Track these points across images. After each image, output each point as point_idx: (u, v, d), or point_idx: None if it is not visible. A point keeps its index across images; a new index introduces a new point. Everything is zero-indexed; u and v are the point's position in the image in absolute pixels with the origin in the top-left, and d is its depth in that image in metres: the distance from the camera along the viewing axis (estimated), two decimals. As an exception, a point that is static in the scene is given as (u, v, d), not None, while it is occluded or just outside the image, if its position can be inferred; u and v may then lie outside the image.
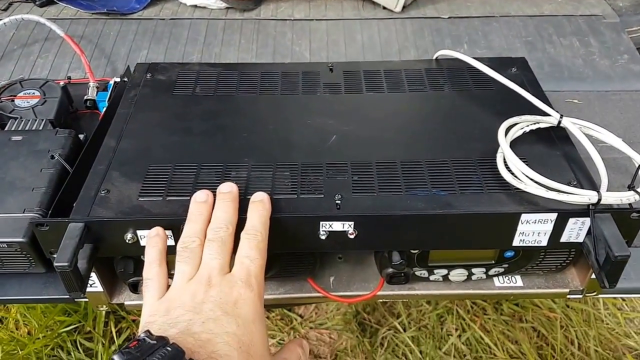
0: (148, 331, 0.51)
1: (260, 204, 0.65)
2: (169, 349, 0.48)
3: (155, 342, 0.49)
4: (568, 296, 0.78)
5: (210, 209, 0.65)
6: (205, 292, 0.56)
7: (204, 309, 0.55)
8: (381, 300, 1.63)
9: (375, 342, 1.58)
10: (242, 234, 0.62)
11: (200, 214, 0.64)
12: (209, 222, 0.63)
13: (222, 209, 0.64)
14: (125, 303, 0.77)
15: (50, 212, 0.68)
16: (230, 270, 0.60)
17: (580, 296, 0.78)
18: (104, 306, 0.77)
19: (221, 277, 0.58)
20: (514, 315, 1.62)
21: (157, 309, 0.57)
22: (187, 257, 0.60)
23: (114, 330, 1.51)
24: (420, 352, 1.55)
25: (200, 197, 0.66)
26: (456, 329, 1.59)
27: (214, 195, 0.66)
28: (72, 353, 1.47)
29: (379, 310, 1.63)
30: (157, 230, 0.65)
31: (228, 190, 0.66)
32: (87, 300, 0.76)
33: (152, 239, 0.64)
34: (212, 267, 0.59)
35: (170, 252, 0.65)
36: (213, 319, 0.54)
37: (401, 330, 1.59)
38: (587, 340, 1.57)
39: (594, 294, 0.78)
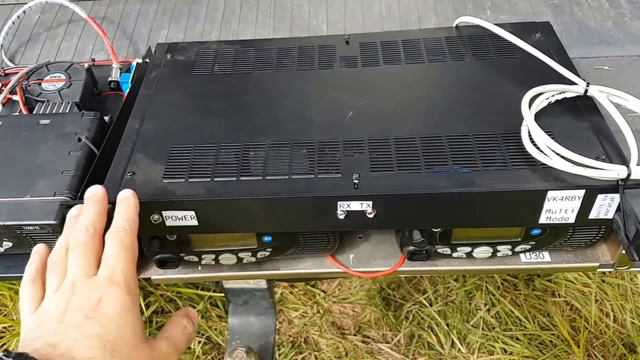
0: (6, 350, 0.51)
1: (124, 202, 0.65)
2: None
3: (12, 359, 0.49)
4: (598, 270, 0.76)
5: None
6: (68, 300, 0.56)
7: (66, 318, 0.55)
8: (404, 276, 1.62)
9: (400, 315, 1.57)
10: (107, 235, 0.62)
11: (68, 227, 0.64)
12: None
13: (84, 214, 0.64)
14: (152, 277, 0.79)
15: (79, 194, 0.70)
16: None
17: (612, 269, 0.76)
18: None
19: (85, 281, 0.58)
20: (546, 290, 1.60)
21: (29, 325, 0.57)
22: (53, 270, 0.60)
23: (142, 304, 1.54)
24: (447, 325, 1.54)
25: (72, 212, 0.66)
26: (485, 304, 1.57)
27: None
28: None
29: (404, 287, 1.62)
30: (38, 247, 0.65)
31: (91, 194, 0.66)
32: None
33: (32, 256, 0.64)
34: (74, 274, 0.59)
35: (193, 231, 0.69)
36: (74, 326, 0.54)
37: (427, 304, 1.58)
38: (623, 313, 1.54)
39: (626, 267, 0.76)
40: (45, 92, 0.91)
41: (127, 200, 0.65)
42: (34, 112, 0.89)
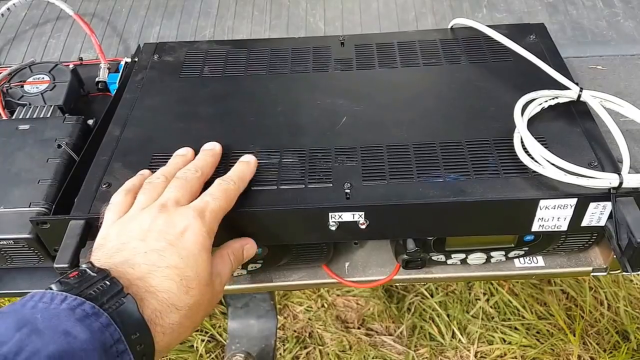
0: (90, 262, 0.52)
1: (245, 164, 0.66)
2: (107, 282, 0.49)
3: (95, 274, 0.50)
4: (592, 274, 0.76)
5: (188, 163, 0.66)
6: (154, 219, 0.56)
7: (148, 238, 0.55)
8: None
9: (403, 307, 1.58)
10: (216, 180, 0.62)
11: (175, 163, 0.66)
12: None
13: (199, 158, 0.66)
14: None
15: (54, 207, 0.67)
16: None
17: (604, 274, 0.76)
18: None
19: (174, 206, 0.58)
20: (543, 279, 1.60)
21: (110, 231, 0.58)
22: (147, 189, 0.61)
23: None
24: (448, 316, 1.55)
25: (181, 151, 0.68)
26: (484, 294, 1.58)
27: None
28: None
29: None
30: (145, 172, 0.67)
31: (210, 147, 0.68)
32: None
33: (137, 176, 0.66)
34: (168, 197, 0.59)
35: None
36: (156, 250, 0.54)
37: (428, 296, 1.58)
38: (616, 301, 1.55)
39: (618, 271, 0.76)
40: (27, 95, 0.87)
41: (248, 163, 0.66)
42: (14, 117, 0.85)
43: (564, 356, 1.48)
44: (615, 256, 0.64)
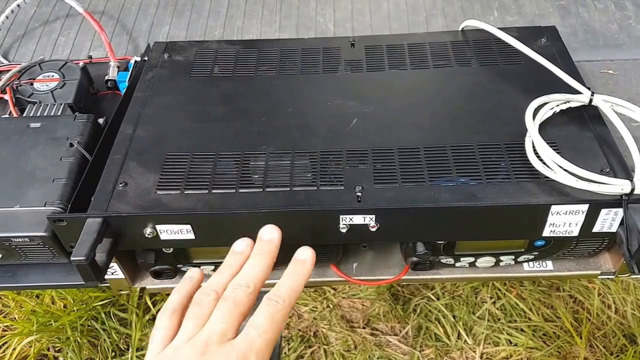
0: None
1: (299, 265, 0.59)
2: None
3: None
4: (599, 277, 0.76)
5: (244, 261, 0.60)
6: None
7: None
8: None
9: (408, 308, 1.57)
10: (265, 297, 0.57)
11: (229, 266, 0.60)
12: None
13: (252, 263, 0.59)
14: (147, 287, 0.78)
15: (69, 206, 0.68)
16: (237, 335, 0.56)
17: (613, 277, 0.76)
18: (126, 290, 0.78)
19: (219, 346, 0.54)
20: (552, 285, 1.59)
21: None
22: (194, 315, 0.57)
23: (149, 301, 1.53)
24: (454, 317, 1.55)
25: (239, 247, 0.61)
26: (491, 297, 1.58)
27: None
28: (106, 323, 1.50)
29: (412, 284, 1.62)
30: (193, 272, 0.61)
31: (268, 238, 0.61)
32: (108, 285, 0.76)
33: (183, 280, 0.61)
34: (213, 331, 0.55)
35: (189, 245, 0.68)
36: None
37: (434, 299, 1.58)
38: (624, 305, 1.54)
39: (627, 275, 0.75)
40: (37, 93, 0.88)
41: (304, 264, 0.59)
42: (25, 114, 0.85)
43: (570, 359, 1.47)
44: (624, 259, 0.64)
